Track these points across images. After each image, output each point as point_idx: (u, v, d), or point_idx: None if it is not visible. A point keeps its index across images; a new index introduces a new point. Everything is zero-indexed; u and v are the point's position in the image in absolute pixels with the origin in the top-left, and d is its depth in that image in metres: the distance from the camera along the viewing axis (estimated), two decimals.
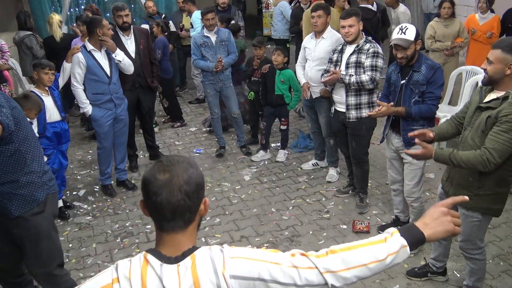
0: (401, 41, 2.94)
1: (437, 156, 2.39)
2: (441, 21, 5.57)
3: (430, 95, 2.96)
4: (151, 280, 1.11)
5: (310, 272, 1.16)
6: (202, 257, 1.15)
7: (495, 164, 2.23)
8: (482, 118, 2.32)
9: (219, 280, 1.12)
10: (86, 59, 3.93)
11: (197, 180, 1.20)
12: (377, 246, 1.21)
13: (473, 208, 2.47)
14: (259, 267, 1.14)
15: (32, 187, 2.36)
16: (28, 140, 2.33)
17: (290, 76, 4.70)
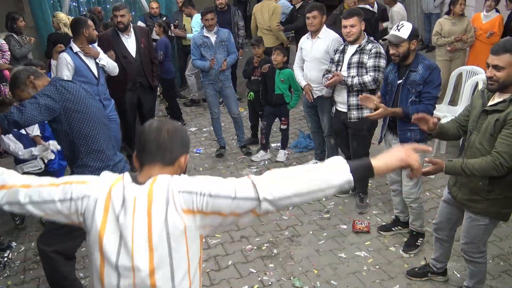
0: (392, 37, 2.97)
1: (448, 169, 2.33)
2: (450, 19, 5.62)
3: (427, 95, 2.96)
4: (116, 188, 1.37)
5: (246, 185, 1.33)
6: (161, 179, 1.37)
7: (508, 167, 2.21)
8: (490, 121, 2.29)
9: (168, 194, 1.33)
10: (74, 60, 3.88)
11: (182, 134, 1.48)
12: (318, 172, 1.34)
13: (482, 212, 2.45)
14: (202, 185, 1.35)
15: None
16: (85, 135, 2.48)
17: (290, 76, 4.70)
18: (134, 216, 1.34)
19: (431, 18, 8.29)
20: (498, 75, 2.22)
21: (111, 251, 1.33)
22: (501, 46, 2.23)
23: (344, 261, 3.30)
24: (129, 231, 1.33)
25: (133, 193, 1.36)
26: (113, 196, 1.36)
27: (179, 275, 1.35)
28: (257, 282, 3.13)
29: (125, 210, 1.34)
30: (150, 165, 1.43)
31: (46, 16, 6.52)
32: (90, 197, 1.38)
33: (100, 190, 1.38)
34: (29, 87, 2.55)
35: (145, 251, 1.32)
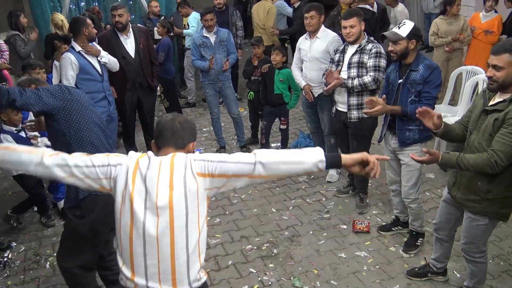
0: (390, 33, 2.98)
1: (444, 160, 2.35)
2: (445, 19, 5.63)
3: (427, 94, 2.96)
4: (142, 160, 1.69)
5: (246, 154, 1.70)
6: (180, 154, 1.71)
7: (503, 166, 2.22)
8: (489, 121, 2.30)
9: (186, 161, 1.67)
10: (78, 59, 3.92)
11: (191, 125, 1.84)
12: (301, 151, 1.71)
13: (481, 212, 2.45)
14: (213, 155, 1.70)
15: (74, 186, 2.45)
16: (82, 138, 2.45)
17: (289, 75, 4.70)
18: (159, 175, 1.65)
19: (431, 18, 8.28)
20: (497, 75, 2.23)
21: (139, 209, 1.63)
22: (501, 46, 2.24)
23: (344, 261, 3.30)
24: (154, 190, 1.63)
25: (158, 159, 1.69)
26: (140, 164, 1.68)
27: (192, 223, 1.66)
28: (257, 282, 3.13)
29: (150, 170, 1.66)
30: (165, 148, 1.76)
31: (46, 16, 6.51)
32: (122, 165, 1.69)
33: (130, 160, 1.71)
34: None
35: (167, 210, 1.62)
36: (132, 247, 1.64)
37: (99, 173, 1.69)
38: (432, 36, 5.75)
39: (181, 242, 1.63)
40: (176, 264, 1.64)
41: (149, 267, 1.64)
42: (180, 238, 1.63)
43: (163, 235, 1.62)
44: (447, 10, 5.62)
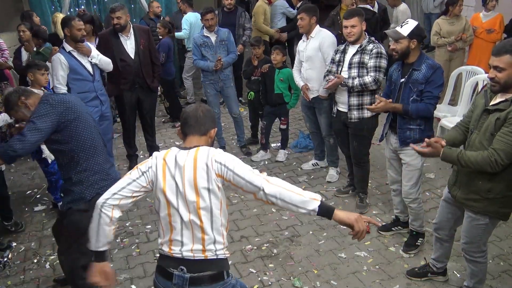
0: (391, 32, 2.99)
1: (445, 155, 2.36)
2: (447, 19, 5.65)
3: (429, 94, 2.96)
4: (169, 156, 1.93)
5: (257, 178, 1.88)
6: (203, 148, 1.93)
7: (503, 165, 2.22)
8: (491, 120, 2.29)
9: (208, 159, 1.88)
10: (68, 59, 3.93)
11: (212, 114, 2.06)
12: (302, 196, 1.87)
13: (482, 212, 2.45)
14: (231, 162, 1.89)
15: (83, 186, 2.58)
16: (79, 141, 2.55)
17: (289, 75, 4.70)
18: (184, 174, 1.89)
19: (431, 18, 8.29)
20: (499, 76, 2.23)
21: (172, 198, 1.91)
22: (502, 47, 2.23)
23: (344, 261, 3.30)
24: (181, 184, 1.89)
25: (183, 157, 1.91)
26: (168, 162, 1.92)
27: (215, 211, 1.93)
28: (257, 282, 3.13)
29: (178, 169, 1.90)
30: (190, 135, 2.00)
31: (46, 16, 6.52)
32: (152, 167, 1.93)
33: (157, 160, 1.94)
34: (22, 107, 2.60)
35: (194, 198, 1.89)
36: (172, 225, 1.95)
37: (142, 182, 1.95)
38: (434, 36, 5.75)
39: (208, 226, 1.93)
40: (206, 242, 1.94)
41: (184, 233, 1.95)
42: (207, 223, 1.93)
43: (194, 220, 1.92)
44: (449, 10, 5.63)
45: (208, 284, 1.93)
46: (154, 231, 3.78)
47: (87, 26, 5.36)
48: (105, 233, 1.94)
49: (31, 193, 4.46)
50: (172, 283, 1.94)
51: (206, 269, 1.94)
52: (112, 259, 3.42)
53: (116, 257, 3.44)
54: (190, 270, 1.93)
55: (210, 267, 1.95)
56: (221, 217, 1.96)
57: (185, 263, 1.94)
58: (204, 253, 1.94)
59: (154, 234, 3.74)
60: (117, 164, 4.96)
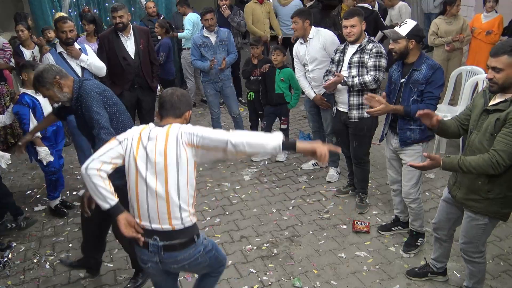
0: (390, 32, 2.99)
1: (445, 165, 2.34)
2: (445, 18, 5.65)
3: (429, 94, 2.96)
4: (145, 130, 2.11)
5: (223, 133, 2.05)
6: (175, 125, 2.11)
7: (505, 166, 2.21)
8: (490, 120, 2.29)
9: (178, 132, 2.06)
10: (56, 60, 3.90)
11: (187, 98, 2.25)
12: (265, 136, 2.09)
13: (481, 212, 2.45)
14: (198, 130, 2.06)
15: None
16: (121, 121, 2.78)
17: (290, 75, 4.70)
18: (156, 145, 2.05)
19: (431, 18, 8.28)
20: (497, 76, 2.23)
21: (141, 167, 2.06)
22: (499, 47, 2.23)
23: (344, 261, 3.30)
24: (153, 154, 2.05)
25: (156, 132, 2.08)
26: (142, 135, 2.10)
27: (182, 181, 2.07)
28: (257, 282, 3.13)
29: (150, 141, 2.07)
30: (166, 117, 2.18)
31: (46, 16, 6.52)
32: (128, 138, 2.12)
33: (134, 133, 2.13)
34: (55, 86, 2.66)
35: (163, 169, 2.04)
36: (138, 198, 2.09)
37: (119, 149, 2.11)
38: (431, 36, 5.76)
39: (174, 194, 2.06)
40: (171, 210, 2.07)
41: (151, 209, 2.08)
42: (173, 191, 2.06)
43: (160, 188, 2.05)
44: (447, 10, 5.62)
45: (180, 249, 2.12)
46: None
47: (90, 26, 5.38)
48: (105, 188, 2.06)
49: (31, 193, 4.46)
50: (148, 250, 2.13)
51: (176, 238, 2.11)
52: (112, 259, 3.42)
53: (116, 257, 3.44)
54: (163, 239, 2.10)
55: (180, 236, 2.11)
56: (187, 187, 2.09)
57: (156, 233, 2.10)
58: (171, 224, 2.08)
59: None
60: None
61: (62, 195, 4.27)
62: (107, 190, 2.06)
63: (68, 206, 4.18)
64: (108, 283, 3.18)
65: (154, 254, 2.13)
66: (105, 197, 2.06)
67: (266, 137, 2.09)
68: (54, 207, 4.08)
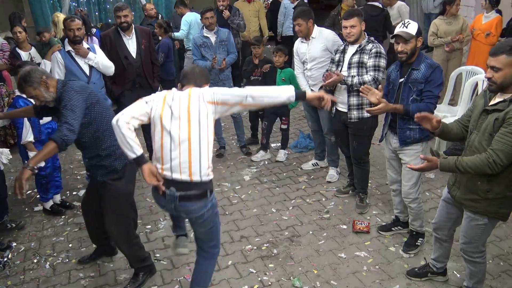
0: (402, 33, 2.94)
1: (443, 166, 2.35)
2: (444, 19, 5.65)
3: (428, 93, 2.95)
4: (169, 93, 2.39)
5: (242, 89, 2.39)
6: (195, 88, 2.42)
7: (502, 166, 2.22)
8: (489, 120, 2.30)
9: (199, 93, 2.35)
10: (64, 59, 3.96)
11: (206, 73, 2.63)
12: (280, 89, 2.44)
13: (481, 212, 2.45)
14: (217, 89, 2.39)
15: (111, 159, 2.86)
16: (103, 121, 2.81)
17: (291, 75, 4.71)
18: (180, 103, 2.32)
19: (431, 18, 8.28)
20: (496, 76, 2.24)
21: (166, 122, 2.31)
22: (499, 47, 2.25)
23: (344, 261, 3.30)
24: (177, 111, 2.31)
25: (179, 94, 2.37)
26: (167, 97, 2.36)
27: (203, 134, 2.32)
28: (257, 282, 3.13)
29: (174, 101, 2.33)
30: (187, 85, 2.49)
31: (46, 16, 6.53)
32: (154, 99, 2.37)
33: (158, 96, 2.39)
34: (42, 86, 2.72)
35: (186, 121, 2.30)
36: (162, 150, 2.32)
37: (146, 108, 2.35)
38: (431, 36, 5.76)
39: (195, 144, 2.30)
40: (192, 159, 2.29)
41: (173, 160, 2.30)
42: (194, 141, 2.30)
43: (183, 139, 2.30)
44: (446, 9, 5.62)
45: (194, 201, 2.34)
46: (154, 231, 3.78)
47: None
48: (132, 139, 2.29)
49: (31, 193, 4.46)
50: (164, 198, 2.36)
51: (192, 189, 2.33)
52: (112, 259, 3.42)
53: (116, 257, 3.44)
54: (179, 189, 2.32)
55: (196, 187, 2.33)
56: (207, 142, 2.34)
57: (174, 183, 2.32)
58: (190, 175, 2.30)
59: (154, 234, 3.74)
60: None
61: (62, 195, 4.28)
62: (134, 141, 2.29)
63: (68, 206, 4.18)
64: (108, 283, 3.18)
65: (170, 202, 2.37)
66: (132, 147, 2.28)
67: (280, 89, 2.42)
68: (50, 208, 4.09)
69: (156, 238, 3.68)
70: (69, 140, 2.61)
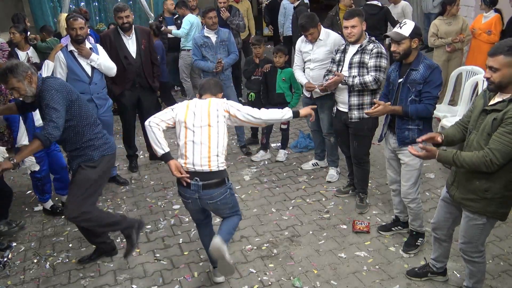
0: (393, 33, 2.98)
1: (440, 157, 2.39)
2: (444, 19, 5.64)
3: (427, 94, 2.96)
4: (191, 102, 2.86)
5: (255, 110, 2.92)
6: (214, 98, 2.89)
7: (498, 165, 2.23)
8: (488, 120, 2.31)
9: (218, 102, 2.84)
10: (66, 58, 3.96)
11: (220, 84, 3.07)
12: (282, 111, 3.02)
13: (479, 211, 2.45)
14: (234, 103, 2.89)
15: (90, 150, 3.04)
16: (83, 116, 2.98)
17: (291, 75, 4.71)
18: (201, 109, 2.79)
19: (430, 18, 8.29)
20: (494, 76, 2.26)
21: (190, 124, 2.77)
22: (497, 47, 2.26)
23: (344, 261, 3.30)
24: (199, 114, 2.77)
25: (200, 102, 2.85)
26: (190, 104, 2.84)
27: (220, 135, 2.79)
28: (257, 282, 3.13)
29: (196, 107, 2.80)
30: (205, 95, 2.94)
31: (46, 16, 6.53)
32: (178, 107, 2.86)
33: (182, 104, 2.87)
34: (26, 79, 2.84)
35: (206, 124, 2.76)
36: (186, 147, 2.76)
37: (172, 115, 2.82)
38: (432, 37, 5.75)
39: (214, 142, 2.76)
40: (211, 154, 2.74)
41: (195, 156, 2.73)
42: (213, 140, 2.76)
43: (204, 138, 2.75)
44: (446, 9, 5.62)
45: (215, 188, 2.75)
46: (154, 231, 3.78)
47: None
48: (162, 138, 2.78)
49: (31, 193, 4.46)
50: (190, 189, 2.75)
51: (213, 178, 2.75)
52: (112, 259, 3.43)
53: (116, 257, 3.44)
54: (202, 179, 2.73)
55: (215, 176, 2.76)
56: (223, 140, 2.80)
57: (198, 174, 2.73)
58: (210, 167, 2.73)
59: (153, 234, 3.75)
60: (117, 164, 4.96)
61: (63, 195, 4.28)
62: (163, 140, 2.78)
63: None
64: (108, 283, 3.18)
65: (195, 192, 2.75)
66: (161, 144, 2.77)
67: (283, 112, 3.00)
68: (50, 208, 4.09)
69: (156, 238, 3.68)
70: (53, 137, 2.78)
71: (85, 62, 4.03)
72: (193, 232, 3.74)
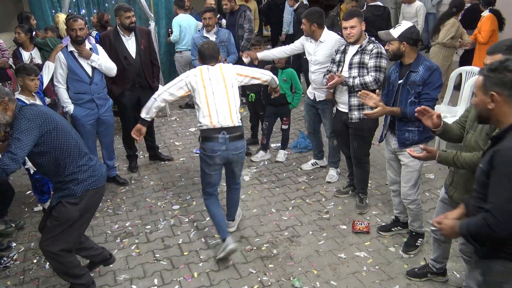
0: (383, 33, 3.02)
1: (440, 158, 2.40)
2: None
3: (426, 96, 2.95)
4: (203, 68, 3.27)
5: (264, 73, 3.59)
6: (224, 63, 3.42)
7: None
8: None
9: (229, 66, 3.38)
10: (67, 59, 3.95)
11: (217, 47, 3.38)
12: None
13: None
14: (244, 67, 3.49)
15: (72, 184, 2.71)
16: (63, 148, 2.65)
17: (292, 75, 4.71)
18: (215, 72, 3.24)
19: (428, 18, 8.30)
20: None
21: (208, 85, 3.19)
22: (496, 46, 2.29)
23: (343, 262, 3.30)
24: (214, 77, 3.22)
25: (212, 68, 3.26)
26: (202, 70, 3.25)
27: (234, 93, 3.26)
28: (256, 282, 3.13)
29: (210, 73, 3.23)
30: (211, 62, 3.29)
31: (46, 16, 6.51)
32: (189, 76, 3.25)
33: (195, 70, 3.26)
34: (1, 106, 2.54)
35: (223, 85, 3.22)
36: (209, 107, 3.16)
37: (182, 84, 3.23)
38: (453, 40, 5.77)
39: (232, 100, 3.21)
40: (231, 110, 3.20)
41: (219, 113, 3.16)
42: (231, 98, 3.22)
43: (223, 96, 3.19)
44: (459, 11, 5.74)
45: (238, 140, 3.22)
46: (154, 231, 3.78)
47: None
48: (152, 111, 3.32)
49: (31, 193, 4.46)
50: (218, 142, 3.14)
51: (236, 131, 3.20)
52: None
53: (116, 257, 3.44)
54: (228, 132, 3.15)
55: (238, 130, 3.22)
56: (237, 98, 3.25)
57: (224, 129, 3.15)
58: (232, 121, 3.18)
59: (153, 234, 3.75)
60: (117, 164, 4.96)
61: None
62: (152, 113, 3.32)
63: None
64: (108, 283, 3.18)
65: (222, 144, 3.15)
66: (150, 113, 3.32)
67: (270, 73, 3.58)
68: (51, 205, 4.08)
69: (156, 238, 3.68)
70: (9, 170, 2.45)
71: (86, 62, 4.03)
72: (193, 232, 3.74)
